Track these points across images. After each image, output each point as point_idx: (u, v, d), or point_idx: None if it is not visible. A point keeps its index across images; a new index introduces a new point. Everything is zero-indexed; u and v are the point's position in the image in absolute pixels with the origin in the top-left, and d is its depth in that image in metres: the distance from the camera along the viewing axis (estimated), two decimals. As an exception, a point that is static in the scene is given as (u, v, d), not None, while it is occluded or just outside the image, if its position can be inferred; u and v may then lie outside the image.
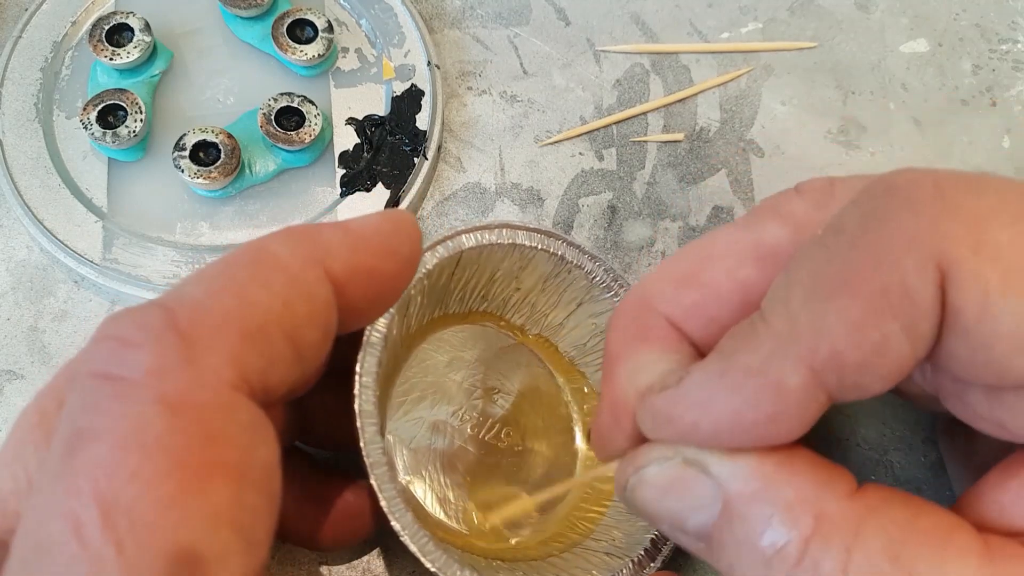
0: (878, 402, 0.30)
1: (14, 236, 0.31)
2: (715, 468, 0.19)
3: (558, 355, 0.29)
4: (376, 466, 0.22)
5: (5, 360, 0.29)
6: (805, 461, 0.19)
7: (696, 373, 0.19)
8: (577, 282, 0.28)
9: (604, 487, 0.27)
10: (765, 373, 0.18)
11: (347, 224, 0.19)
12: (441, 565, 0.22)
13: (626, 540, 0.25)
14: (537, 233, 0.27)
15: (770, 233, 0.21)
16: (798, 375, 0.17)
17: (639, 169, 0.33)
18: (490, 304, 0.29)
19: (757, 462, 0.19)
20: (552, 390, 0.29)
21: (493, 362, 0.29)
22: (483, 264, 0.27)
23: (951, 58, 0.36)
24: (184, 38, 0.33)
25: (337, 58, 0.33)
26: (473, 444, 0.27)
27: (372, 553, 0.27)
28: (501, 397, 0.28)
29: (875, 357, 0.17)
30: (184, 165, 0.30)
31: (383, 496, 0.22)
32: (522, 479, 0.27)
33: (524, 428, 0.28)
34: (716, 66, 0.35)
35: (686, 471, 0.19)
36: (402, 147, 0.32)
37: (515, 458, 0.28)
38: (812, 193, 0.21)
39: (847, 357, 0.17)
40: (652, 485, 0.20)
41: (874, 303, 0.17)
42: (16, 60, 0.32)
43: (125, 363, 0.15)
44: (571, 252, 0.27)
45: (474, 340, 0.29)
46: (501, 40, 0.35)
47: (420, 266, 0.25)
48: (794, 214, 0.21)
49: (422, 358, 0.28)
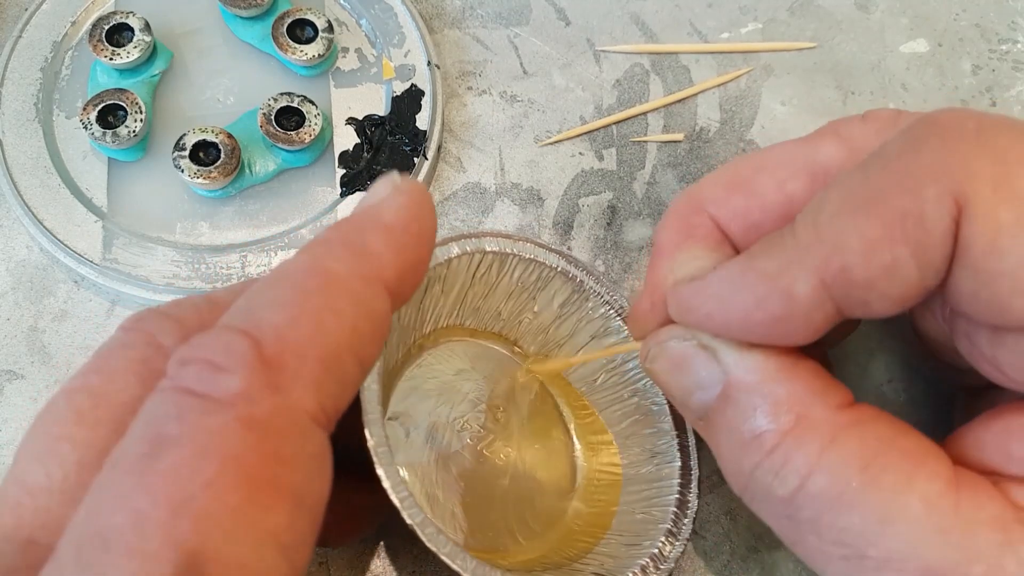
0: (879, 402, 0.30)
1: (14, 236, 0.31)
2: (723, 355, 0.21)
3: (568, 387, 0.29)
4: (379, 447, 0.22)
5: (5, 360, 0.29)
6: (808, 369, 0.20)
7: (720, 270, 0.20)
8: (593, 313, 0.28)
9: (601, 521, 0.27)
10: (778, 278, 0.19)
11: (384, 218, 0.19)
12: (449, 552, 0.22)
13: (616, 565, 0.25)
14: (559, 256, 0.27)
15: (825, 152, 0.22)
16: (808, 284, 0.19)
17: (639, 169, 0.33)
18: (505, 325, 0.29)
19: (762, 358, 0.20)
20: (556, 420, 0.29)
21: (501, 383, 0.29)
22: (502, 274, 0.27)
23: (951, 58, 0.36)
24: (184, 38, 0.33)
25: (337, 58, 0.33)
26: (470, 453, 0.27)
27: (372, 553, 0.27)
28: (504, 417, 0.28)
29: (883, 277, 0.18)
30: (184, 165, 0.30)
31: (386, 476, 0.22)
32: (513, 497, 0.27)
33: (523, 450, 0.28)
34: (716, 66, 0.35)
35: (698, 352, 0.21)
36: (402, 147, 0.32)
37: (510, 476, 0.27)
38: (876, 122, 0.22)
39: (856, 273, 0.18)
40: (667, 358, 0.22)
41: (889, 226, 0.18)
42: (16, 60, 0.32)
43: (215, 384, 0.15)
44: (590, 281, 0.28)
45: (486, 359, 0.29)
46: (501, 40, 0.35)
47: (440, 254, 0.26)
48: (853, 138, 0.22)
49: (432, 361, 0.28)
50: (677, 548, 0.25)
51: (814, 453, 0.19)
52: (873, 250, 0.18)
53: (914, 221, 0.17)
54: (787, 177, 0.22)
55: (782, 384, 0.20)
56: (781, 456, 0.20)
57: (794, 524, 0.20)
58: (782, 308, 0.19)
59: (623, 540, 0.26)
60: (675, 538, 0.25)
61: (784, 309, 0.19)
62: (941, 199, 0.17)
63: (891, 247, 0.18)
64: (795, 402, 0.20)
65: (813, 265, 0.18)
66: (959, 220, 0.17)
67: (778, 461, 0.20)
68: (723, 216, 0.23)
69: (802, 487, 0.19)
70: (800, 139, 0.23)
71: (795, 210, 0.21)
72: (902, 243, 0.18)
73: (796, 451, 0.19)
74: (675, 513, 0.25)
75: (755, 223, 0.23)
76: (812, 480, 0.19)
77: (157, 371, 0.17)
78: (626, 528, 0.26)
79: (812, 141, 0.23)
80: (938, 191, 0.17)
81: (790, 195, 0.22)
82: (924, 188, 0.17)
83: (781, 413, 0.20)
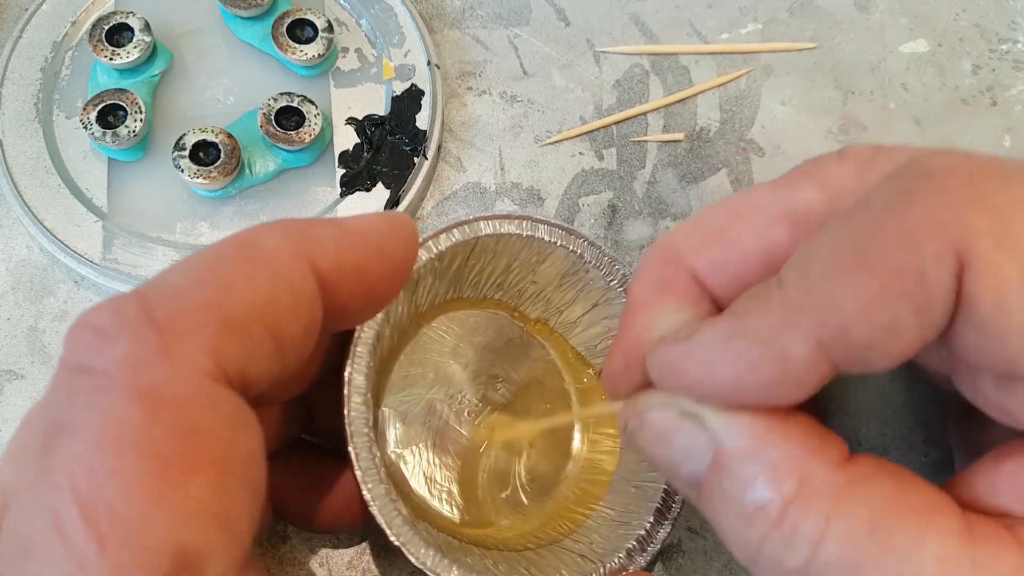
0: (880, 402, 0.30)
1: (14, 236, 0.31)
2: (710, 421, 0.19)
3: (569, 350, 0.29)
4: (357, 435, 0.22)
5: (5, 360, 0.29)
6: (799, 426, 0.19)
7: (706, 330, 0.19)
8: (595, 283, 0.28)
9: (593, 490, 0.27)
10: (772, 341, 0.18)
11: (342, 221, 0.19)
12: (406, 540, 0.22)
13: (604, 546, 0.25)
14: (558, 228, 0.27)
15: (804, 197, 0.21)
16: (804, 346, 0.18)
17: (639, 169, 0.33)
18: (505, 294, 0.29)
19: (751, 421, 0.19)
20: (556, 384, 0.29)
21: (501, 351, 0.29)
22: (499, 253, 0.27)
23: (951, 58, 0.36)
24: (184, 38, 0.33)
25: (337, 58, 0.33)
26: (467, 428, 0.27)
27: (372, 553, 0.27)
28: (503, 386, 0.28)
29: (883, 336, 0.17)
30: (184, 165, 0.30)
31: (359, 465, 0.22)
32: (506, 471, 0.27)
33: (520, 421, 0.28)
34: (716, 67, 0.35)
35: (682, 421, 0.20)
36: (402, 147, 0.32)
37: (506, 449, 0.27)
38: (854, 161, 0.21)
39: (855, 334, 0.17)
40: (650, 430, 0.21)
41: (888, 284, 0.17)
42: (16, 60, 0.32)
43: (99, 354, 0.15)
44: (590, 252, 0.27)
45: (485, 326, 0.29)
46: (501, 40, 0.35)
47: (433, 246, 0.26)
48: (832, 180, 0.21)
49: (430, 337, 0.28)
50: (665, 528, 0.25)
51: (822, 520, 0.18)
52: (872, 309, 0.17)
53: (914, 278, 0.17)
54: (765, 226, 0.21)
55: (777, 447, 0.19)
56: (789, 527, 0.18)
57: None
58: (777, 372, 0.18)
59: (613, 515, 0.26)
60: (663, 517, 0.25)
61: (779, 372, 0.18)
62: (942, 255, 0.17)
63: (891, 305, 0.17)
64: (794, 465, 0.19)
65: (808, 326, 0.18)
66: (961, 276, 0.17)
67: (787, 532, 0.18)
68: (701, 268, 0.22)
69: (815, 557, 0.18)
70: (775, 182, 0.22)
71: (777, 259, 0.20)
72: (903, 301, 0.17)
73: (803, 520, 0.18)
74: (665, 490, 0.25)
75: (736, 274, 0.21)
76: (823, 549, 0.18)
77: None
78: (617, 502, 0.26)
79: (788, 185, 0.22)
80: (938, 246, 0.17)
81: (771, 244, 0.21)
82: (923, 244, 0.17)
83: (781, 479, 0.18)
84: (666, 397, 0.20)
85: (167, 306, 0.16)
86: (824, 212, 0.21)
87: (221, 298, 0.16)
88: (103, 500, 0.14)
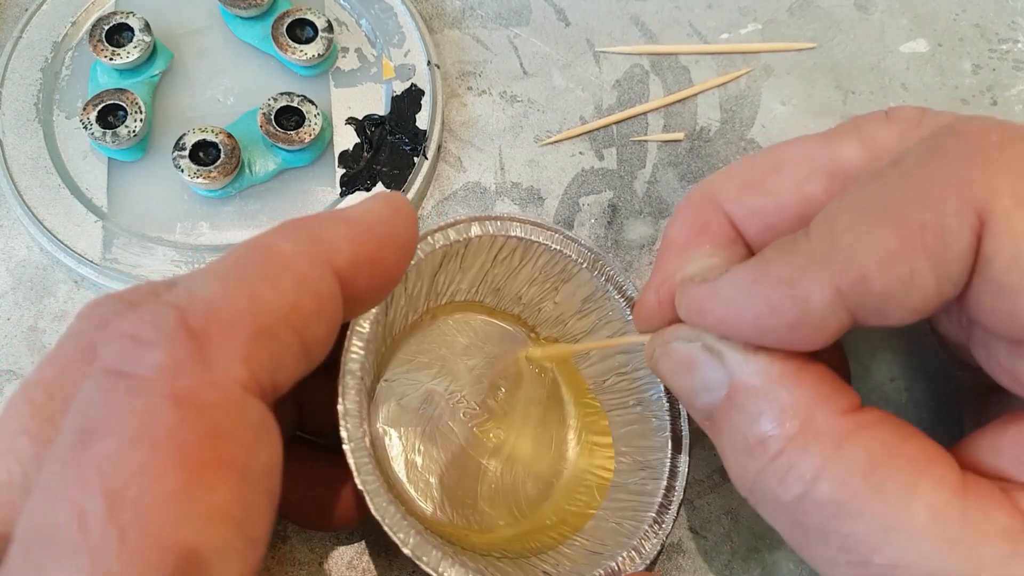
0: (881, 402, 0.30)
1: (14, 236, 0.31)
2: (729, 358, 0.21)
3: (578, 380, 0.29)
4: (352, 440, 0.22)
5: (5, 360, 0.29)
6: (813, 374, 0.20)
7: (733, 273, 0.20)
8: (614, 315, 0.28)
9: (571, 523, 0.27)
10: (794, 285, 0.19)
11: (348, 215, 0.19)
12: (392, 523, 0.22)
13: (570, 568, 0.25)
14: (587, 251, 0.27)
15: (846, 153, 0.22)
16: (824, 293, 0.18)
17: (640, 168, 0.33)
18: (525, 309, 0.29)
19: (767, 362, 0.20)
20: (557, 411, 0.28)
21: (510, 365, 0.28)
22: (525, 260, 0.27)
23: (951, 58, 0.36)
24: (184, 38, 0.33)
25: (337, 58, 0.33)
26: (460, 428, 0.27)
27: (372, 553, 0.27)
28: (504, 398, 0.28)
29: (900, 289, 0.18)
30: (184, 165, 0.30)
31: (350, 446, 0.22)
32: (493, 480, 0.27)
33: (515, 436, 0.28)
34: (716, 67, 0.35)
35: (704, 354, 0.21)
36: (402, 147, 0.32)
37: (495, 458, 0.27)
38: (900, 121, 0.22)
39: (873, 284, 0.18)
40: (672, 359, 0.22)
41: (909, 238, 0.18)
42: (16, 60, 0.32)
43: (139, 361, 0.15)
44: (615, 281, 0.27)
45: (499, 337, 0.29)
46: (501, 40, 0.35)
47: (466, 229, 0.26)
48: (875, 139, 0.22)
49: (443, 332, 0.28)
50: (636, 567, 0.24)
51: (819, 460, 0.19)
52: (891, 261, 0.18)
53: (934, 233, 0.17)
54: (805, 178, 0.22)
55: (787, 389, 0.20)
56: (785, 462, 0.19)
57: (799, 529, 0.20)
58: (796, 315, 0.19)
59: (587, 546, 0.26)
60: (638, 555, 0.24)
61: (798, 316, 0.19)
62: (963, 212, 0.17)
63: (909, 259, 0.18)
64: (800, 408, 0.20)
65: (829, 273, 0.18)
66: (980, 234, 0.17)
67: (783, 467, 0.19)
68: (738, 214, 0.23)
69: (807, 494, 0.19)
70: (820, 136, 0.23)
71: (812, 211, 0.21)
72: (921, 255, 0.17)
73: (801, 457, 0.19)
74: (645, 532, 0.25)
75: (771, 223, 0.22)
76: (817, 487, 0.19)
77: None
78: (595, 535, 0.26)
79: (833, 139, 0.22)
80: (959, 204, 0.17)
81: (808, 196, 0.22)
82: (945, 201, 0.17)
83: (786, 419, 0.19)
84: (692, 332, 0.22)
85: (201, 316, 0.16)
86: (863, 170, 0.21)
87: (251, 307, 0.16)
88: (130, 495, 0.14)
